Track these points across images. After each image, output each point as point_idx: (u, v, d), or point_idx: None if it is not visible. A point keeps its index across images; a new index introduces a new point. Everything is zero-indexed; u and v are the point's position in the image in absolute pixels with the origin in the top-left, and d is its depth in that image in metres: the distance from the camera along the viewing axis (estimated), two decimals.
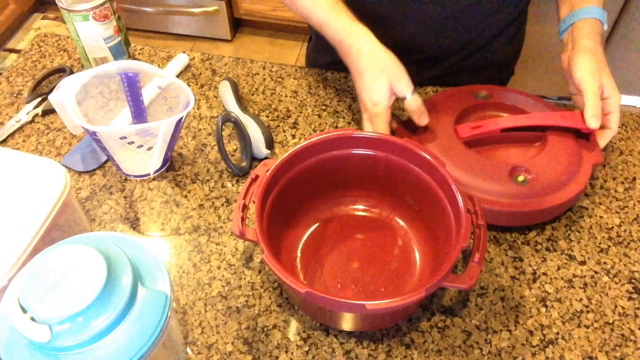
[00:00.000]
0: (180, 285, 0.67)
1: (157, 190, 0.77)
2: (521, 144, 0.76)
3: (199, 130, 0.84)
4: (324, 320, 0.63)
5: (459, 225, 0.58)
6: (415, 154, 0.64)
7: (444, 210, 0.61)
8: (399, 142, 0.65)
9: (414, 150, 0.64)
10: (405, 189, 0.67)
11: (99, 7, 0.82)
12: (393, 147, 0.65)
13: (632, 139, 0.83)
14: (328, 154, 0.66)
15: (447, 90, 0.83)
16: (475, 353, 0.62)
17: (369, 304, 0.51)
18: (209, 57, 0.94)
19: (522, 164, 0.71)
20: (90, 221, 0.73)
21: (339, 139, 0.65)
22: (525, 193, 0.69)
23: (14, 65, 0.94)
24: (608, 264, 0.69)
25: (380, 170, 0.67)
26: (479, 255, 0.56)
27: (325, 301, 0.53)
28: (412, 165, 0.65)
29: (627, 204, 0.75)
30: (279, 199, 0.63)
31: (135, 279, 0.48)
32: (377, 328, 0.63)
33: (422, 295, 0.52)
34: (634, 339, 0.63)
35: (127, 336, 0.46)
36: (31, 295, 0.45)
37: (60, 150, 0.81)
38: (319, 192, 0.69)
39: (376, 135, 0.66)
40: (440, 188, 0.62)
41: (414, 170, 0.65)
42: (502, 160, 0.73)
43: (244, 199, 0.60)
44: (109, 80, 0.76)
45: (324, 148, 0.66)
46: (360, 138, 0.66)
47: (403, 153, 0.65)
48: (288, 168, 0.64)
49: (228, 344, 0.62)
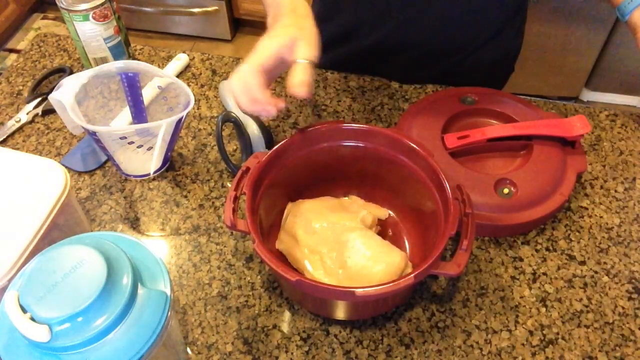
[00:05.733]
0: (180, 285, 0.67)
1: (157, 190, 0.77)
2: (507, 152, 0.77)
3: (199, 130, 0.84)
4: (318, 309, 0.63)
5: (447, 213, 0.58)
6: (404, 144, 0.64)
7: (433, 200, 0.62)
8: (388, 133, 0.65)
9: (402, 140, 0.64)
10: (394, 180, 0.68)
11: (99, 7, 0.82)
12: (382, 138, 0.66)
13: (632, 139, 0.83)
14: (318, 145, 0.67)
15: (434, 94, 0.83)
16: (475, 353, 0.62)
17: (359, 290, 0.52)
18: (209, 57, 0.94)
19: (507, 176, 0.71)
20: (90, 221, 0.73)
21: (328, 130, 0.66)
22: (509, 206, 0.69)
23: (14, 65, 0.94)
24: (608, 264, 0.69)
25: (370, 161, 0.68)
26: (467, 242, 0.56)
27: (315, 289, 0.54)
28: (401, 156, 0.65)
29: (627, 204, 0.75)
30: (270, 190, 0.64)
31: (135, 279, 0.48)
32: (370, 315, 0.64)
33: (412, 282, 0.53)
34: (634, 339, 0.63)
35: (127, 336, 0.46)
36: (31, 295, 0.45)
37: (60, 150, 0.81)
38: (310, 184, 0.70)
39: (365, 127, 0.66)
40: (429, 178, 0.63)
41: (402, 161, 0.65)
42: (487, 173, 0.74)
43: (235, 190, 0.60)
44: (109, 80, 0.76)
45: (314, 140, 0.66)
46: (349, 130, 0.66)
47: (392, 144, 0.65)
48: (279, 160, 0.64)
49: (228, 344, 0.62)
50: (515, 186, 0.70)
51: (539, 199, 0.70)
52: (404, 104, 0.87)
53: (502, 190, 0.71)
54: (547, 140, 0.75)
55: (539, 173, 0.72)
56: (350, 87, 0.89)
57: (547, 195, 0.70)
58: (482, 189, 0.70)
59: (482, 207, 0.69)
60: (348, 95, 0.88)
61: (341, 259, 0.62)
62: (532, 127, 0.75)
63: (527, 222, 0.69)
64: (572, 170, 0.73)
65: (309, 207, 0.67)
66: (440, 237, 0.57)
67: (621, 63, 1.97)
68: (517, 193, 0.70)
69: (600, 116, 0.86)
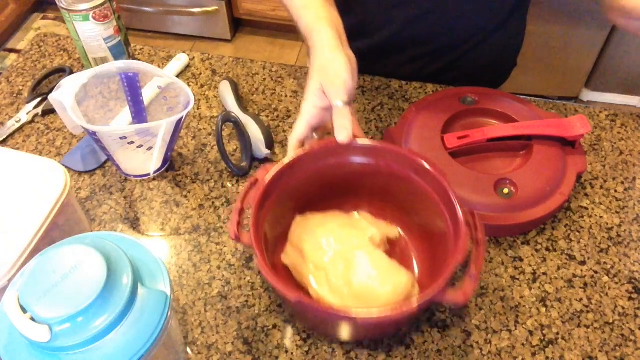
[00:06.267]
0: (180, 285, 0.67)
1: (157, 190, 0.77)
2: (507, 152, 0.76)
3: (199, 130, 0.84)
4: (318, 329, 0.62)
5: (457, 238, 0.56)
6: (417, 163, 0.62)
7: (444, 220, 0.60)
8: (401, 152, 0.64)
9: (415, 160, 0.62)
10: (406, 199, 0.66)
11: (99, 7, 0.82)
12: (395, 156, 0.64)
13: (632, 139, 0.83)
14: (329, 160, 0.65)
15: (434, 95, 0.83)
16: (475, 353, 0.62)
17: (359, 313, 0.50)
18: (209, 57, 0.94)
19: (507, 176, 0.71)
20: (90, 221, 0.73)
21: (339, 146, 0.63)
22: (509, 206, 0.69)
23: (14, 65, 0.94)
24: (608, 264, 0.69)
25: (381, 178, 0.66)
26: (475, 270, 0.53)
27: (315, 310, 0.52)
28: (413, 174, 0.63)
29: (627, 204, 0.75)
30: (278, 203, 0.62)
31: (135, 279, 0.48)
32: (373, 338, 0.63)
33: (413, 309, 0.51)
34: (634, 339, 0.63)
35: (127, 336, 0.46)
36: (31, 295, 0.45)
37: (60, 150, 0.81)
38: (320, 197, 0.68)
39: (378, 144, 0.64)
40: (441, 200, 0.61)
41: (414, 180, 0.63)
42: (487, 173, 0.73)
43: (241, 202, 0.59)
44: (109, 80, 0.76)
45: (325, 155, 0.64)
46: (361, 146, 0.64)
47: (405, 162, 0.63)
48: (289, 173, 0.63)
49: (228, 344, 0.62)
50: (515, 186, 0.70)
51: (539, 198, 0.70)
52: (404, 104, 0.87)
53: (502, 190, 0.71)
54: (547, 140, 0.75)
55: (539, 173, 0.72)
56: None
57: (547, 195, 0.70)
58: (482, 189, 0.70)
59: (482, 207, 0.69)
60: None
61: (347, 277, 0.60)
62: (532, 127, 0.75)
63: (527, 222, 0.69)
64: (572, 170, 0.73)
65: (317, 221, 0.65)
66: (449, 264, 0.55)
67: (621, 63, 1.96)
68: (517, 193, 0.70)
69: (600, 116, 0.86)
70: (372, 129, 0.83)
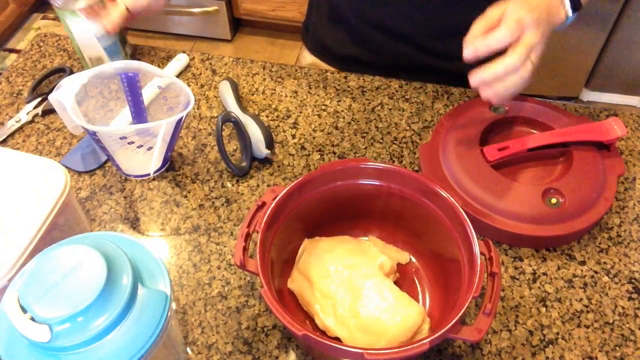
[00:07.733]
0: (180, 285, 0.67)
1: (157, 190, 0.77)
2: (546, 160, 0.76)
3: (199, 130, 0.84)
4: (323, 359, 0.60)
5: (472, 271, 0.54)
6: (431, 189, 0.60)
7: (457, 250, 0.58)
8: (414, 176, 0.62)
9: (429, 185, 0.60)
10: (417, 223, 0.65)
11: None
12: (407, 180, 0.62)
13: (632, 139, 0.83)
14: (338, 182, 0.63)
15: (462, 105, 0.80)
16: (476, 353, 0.62)
17: (368, 352, 0.48)
18: (209, 57, 0.94)
19: (553, 185, 0.70)
20: (90, 221, 0.73)
21: (349, 168, 0.62)
22: (559, 216, 0.68)
23: (14, 65, 0.94)
24: (608, 264, 0.69)
25: (393, 202, 0.65)
26: (490, 306, 0.51)
27: (322, 346, 0.50)
28: (427, 200, 0.61)
29: (627, 204, 0.75)
30: (286, 226, 0.61)
31: (135, 279, 0.48)
32: None
33: (425, 348, 0.49)
34: (634, 339, 0.63)
35: (127, 336, 0.46)
36: (31, 295, 0.45)
37: (60, 150, 0.81)
38: (329, 220, 0.66)
39: (390, 166, 0.63)
40: (455, 229, 0.59)
41: (427, 205, 0.61)
42: (533, 183, 0.72)
43: (247, 227, 0.56)
44: (109, 80, 0.76)
45: (334, 177, 0.63)
46: (371, 169, 0.63)
47: (418, 187, 0.62)
48: (297, 195, 0.61)
49: (228, 344, 0.62)
50: (562, 195, 0.69)
51: (587, 206, 0.69)
52: (404, 104, 0.87)
53: (550, 200, 0.69)
54: (583, 145, 0.74)
55: (583, 180, 0.70)
56: (350, 87, 0.89)
57: (593, 202, 0.69)
58: (530, 201, 0.68)
59: (532, 219, 0.67)
60: (348, 95, 0.88)
61: (354, 308, 0.58)
62: (571, 134, 0.74)
63: (578, 230, 0.68)
64: (612, 173, 0.72)
65: (326, 246, 0.63)
66: (462, 298, 0.53)
67: (621, 63, 1.97)
68: (565, 202, 0.69)
69: (600, 116, 0.86)
70: (372, 129, 0.83)
